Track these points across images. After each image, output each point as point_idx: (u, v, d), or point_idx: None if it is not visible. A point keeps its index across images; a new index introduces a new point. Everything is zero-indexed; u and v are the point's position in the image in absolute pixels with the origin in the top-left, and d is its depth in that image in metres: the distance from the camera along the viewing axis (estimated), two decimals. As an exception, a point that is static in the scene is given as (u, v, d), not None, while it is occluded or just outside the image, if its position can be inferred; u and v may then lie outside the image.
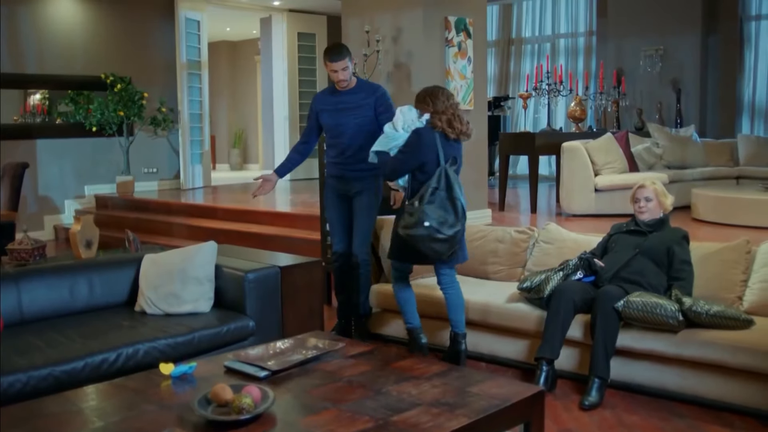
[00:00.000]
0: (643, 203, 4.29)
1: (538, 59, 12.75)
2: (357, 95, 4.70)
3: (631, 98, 11.27)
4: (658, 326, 3.75)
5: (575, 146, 7.65)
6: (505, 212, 8.07)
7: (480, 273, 5.02)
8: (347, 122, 4.68)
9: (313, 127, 4.87)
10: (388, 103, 4.72)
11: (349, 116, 4.67)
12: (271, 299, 4.13)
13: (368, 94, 4.71)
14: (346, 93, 4.71)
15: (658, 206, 4.29)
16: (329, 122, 4.76)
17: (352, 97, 4.70)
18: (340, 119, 4.70)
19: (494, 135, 10.11)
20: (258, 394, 2.50)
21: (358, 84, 4.77)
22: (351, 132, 4.68)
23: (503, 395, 2.67)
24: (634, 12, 11.36)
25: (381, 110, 4.68)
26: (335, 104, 4.73)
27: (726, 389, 3.64)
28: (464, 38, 6.32)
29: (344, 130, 4.70)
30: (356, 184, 4.73)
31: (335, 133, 4.76)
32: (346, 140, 4.69)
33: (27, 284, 3.83)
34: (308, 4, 11.39)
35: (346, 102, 4.70)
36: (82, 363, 3.29)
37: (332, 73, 4.61)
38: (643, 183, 4.39)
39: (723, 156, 9.22)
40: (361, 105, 4.68)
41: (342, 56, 4.59)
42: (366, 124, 4.67)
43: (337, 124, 4.72)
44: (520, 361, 4.31)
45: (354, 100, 4.69)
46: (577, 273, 4.18)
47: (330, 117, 4.74)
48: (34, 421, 2.50)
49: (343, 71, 4.60)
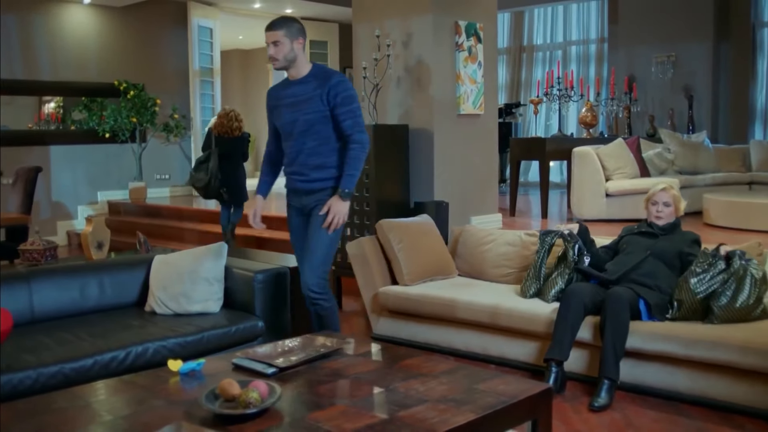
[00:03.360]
0: (661, 207, 4.32)
1: (549, 66, 12.75)
2: (308, 85, 3.81)
3: (643, 105, 11.25)
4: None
5: (586, 151, 7.63)
6: (516, 217, 8.06)
7: (490, 276, 5.02)
8: (296, 119, 3.81)
9: (272, 131, 4.06)
10: (346, 95, 3.78)
11: (298, 112, 3.80)
12: (280, 300, 4.15)
13: (320, 84, 3.78)
14: (297, 83, 3.84)
15: (674, 212, 4.33)
16: (280, 121, 3.91)
17: (302, 87, 3.81)
18: (290, 116, 3.83)
19: (505, 142, 10.09)
20: (265, 389, 2.50)
21: (312, 72, 3.85)
22: (299, 131, 3.82)
23: (510, 392, 2.66)
24: (645, 19, 11.35)
25: (336, 103, 3.77)
26: (285, 98, 3.87)
27: (736, 391, 3.62)
28: (474, 43, 6.33)
29: (293, 130, 3.84)
30: (310, 198, 3.88)
31: (286, 134, 3.91)
32: (296, 142, 3.84)
33: (38, 284, 3.87)
34: (320, 12, 11.45)
35: (295, 94, 3.83)
36: (91, 361, 3.31)
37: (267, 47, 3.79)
38: (664, 186, 4.40)
39: (735, 162, 9.17)
40: (311, 97, 3.78)
41: (276, 27, 3.75)
42: (317, 122, 3.78)
43: (286, 123, 3.86)
44: (529, 363, 4.29)
45: (304, 91, 3.80)
46: (579, 257, 4.24)
47: (281, 114, 3.89)
48: (43, 415, 2.51)
49: (274, 46, 3.73)
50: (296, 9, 11.22)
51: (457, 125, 6.29)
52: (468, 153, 6.42)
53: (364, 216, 5.79)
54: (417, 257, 4.99)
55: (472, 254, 5.18)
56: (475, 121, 6.48)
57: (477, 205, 6.57)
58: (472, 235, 5.27)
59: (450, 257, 5.23)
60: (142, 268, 4.23)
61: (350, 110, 3.79)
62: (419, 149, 6.13)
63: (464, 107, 6.31)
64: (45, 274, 3.96)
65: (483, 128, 6.59)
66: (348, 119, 3.79)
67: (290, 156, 3.89)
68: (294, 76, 3.85)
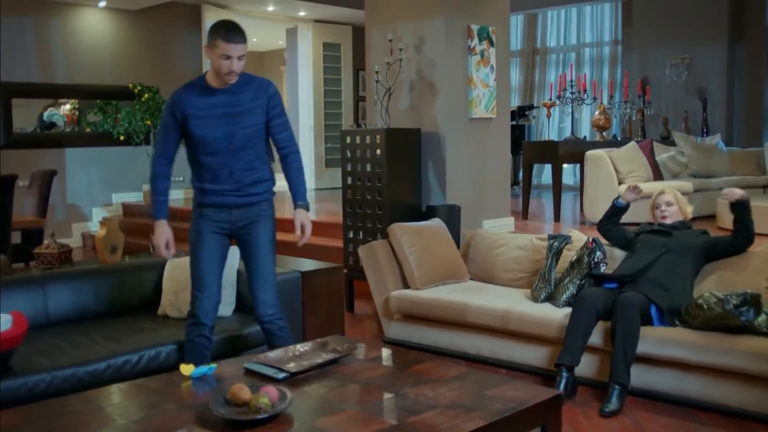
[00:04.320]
0: (664, 207, 4.44)
1: (562, 69, 12.74)
2: (243, 95, 3.46)
3: (657, 107, 11.21)
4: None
5: (599, 155, 7.62)
6: (529, 221, 8.05)
7: (502, 280, 5.03)
8: (233, 133, 3.43)
9: (174, 140, 3.51)
10: (282, 105, 3.59)
11: (235, 125, 3.43)
12: (292, 304, 4.17)
13: (258, 93, 3.49)
14: (226, 92, 3.44)
15: (679, 212, 4.41)
16: (205, 133, 3.43)
17: (236, 97, 3.45)
18: (223, 129, 3.42)
19: (518, 145, 10.08)
20: (276, 394, 2.52)
21: (241, 79, 3.47)
22: (237, 146, 3.46)
23: (520, 398, 2.67)
24: (659, 21, 11.31)
25: (275, 114, 3.53)
26: (214, 108, 3.43)
27: (747, 397, 3.61)
28: (487, 46, 6.33)
29: (229, 145, 3.45)
30: (247, 213, 3.54)
31: (214, 147, 3.45)
32: (230, 158, 3.46)
33: (53, 287, 3.91)
34: (334, 15, 11.47)
35: (229, 104, 3.44)
36: (104, 364, 3.35)
37: (223, 60, 3.33)
38: (662, 190, 4.55)
39: (749, 165, 9.11)
40: (251, 108, 3.47)
41: (244, 37, 3.40)
42: (255, 135, 3.50)
43: (217, 136, 3.42)
44: (540, 368, 4.30)
45: (240, 101, 3.45)
46: (596, 265, 4.29)
47: (205, 126, 3.42)
48: (57, 418, 2.54)
49: (239, 60, 3.36)
50: (309, 11, 11.25)
51: (469, 129, 6.30)
52: (480, 157, 6.42)
53: (376, 220, 5.80)
54: (428, 261, 5.00)
55: (483, 258, 5.19)
56: (488, 124, 6.48)
57: (489, 209, 6.57)
58: (483, 239, 5.28)
59: (462, 261, 5.24)
60: (156, 272, 4.26)
61: (285, 121, 3.60)
62: (431, 153, 6.14)
63: (476, 111, 6.31)
64: (59, 277, 4.01)
65: (495, 132, 6.59)
66: (285, 130, 3.59)
67: (220, 172, 3.48)
68: (219, 84, 3.44)
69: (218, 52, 3.34)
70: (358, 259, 5.43)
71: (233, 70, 3.36)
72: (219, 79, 3.43)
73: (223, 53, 3.33)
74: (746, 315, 3.60)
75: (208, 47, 3.42)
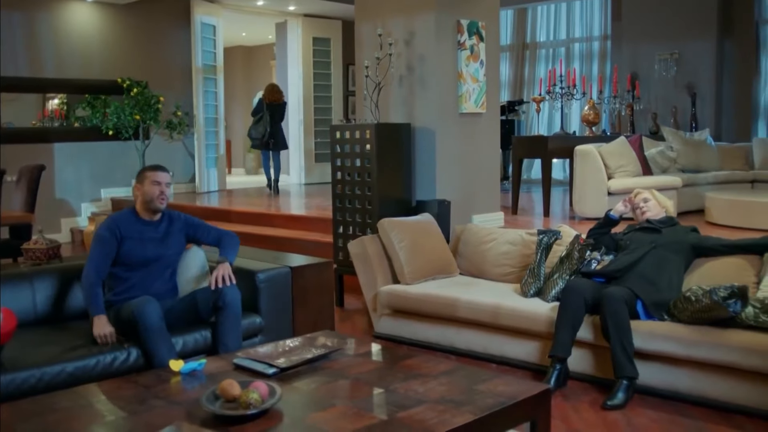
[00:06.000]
0: (642, 204, 4.56)
1: (552, 63, 12.75)
2: (162, 224, 3.93)
3: (646, 102, 11.23)
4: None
5: (588, 150, 7.63)
6: (518, 215, 8.06)
7: (491, 275, 5.04)
8: (162, 254, 3.87)
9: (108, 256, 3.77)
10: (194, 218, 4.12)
11: (164, 247, 3.90)
12: (282, 299, 4.17)
13: (171, 222, 3.97)
14: (151, 223, 3.90)
15: (658, 205, 4.48)
16: (139, 254, 3.80)
17: (162, 226, 3.93)
18: (156, 251, 3.85)
19: (508, 140, 10.09)
20: (265, 389, 2.52)
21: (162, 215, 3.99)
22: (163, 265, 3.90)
23: (509, 393, 2.68)
24: (648, 16, 11.33)
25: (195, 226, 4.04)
26: (146, 233, 3.86)
27: (737, 391, 3.63)
28: (476, 41, 6.34)
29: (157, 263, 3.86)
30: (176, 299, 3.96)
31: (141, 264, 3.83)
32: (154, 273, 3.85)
33: (41, 283, 3.88)
34: (323, 9, 11.46)
35: (159, 231, 3.91)
36: (94, 360, 3.34)
37: (154, 185, 3.82)
38: (636, 191, 4.65)
39: (738, 160, 9.16)
40: (174, 233, 3.95)
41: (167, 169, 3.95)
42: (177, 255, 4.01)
43: (149, 258, 3.83)
44: (530, 362, 4.31)
45: (166, 229, 3.94)
46: (588, 263, 4.33)
47: (140, 247, 3.81)
48: (46, 415, 2.54)
49: (167, 186, 3.88)
50: (299, 6, 11.22)
51: (458, 124, 6.30)
52: (470, 152, 6.43)
53: (366, 215, 5.80)
54: (418, 256, 5.01)
55: (473, 253, 5.19)
56: (477, 119, 6.49)
57: (479, 204, 6.59)
58: (473, 234, 5.29)
59: (451, 256, 5.25)
60: (145, 267, 4.24)
61: (206, 225, 4.11)
62: (421, 148, 6.14)
63: (466, 106, 6.32)
64: (48, 273, 3.98)
65: (485, 127, 6.60)
66: (211, 230, 4.08)
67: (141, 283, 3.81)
68: (150, 216, 3.89)
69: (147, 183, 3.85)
70: (348, 254, 5.42)
71: (163, 196, 3.86)
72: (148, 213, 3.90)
73: (152, 181, 3.83)
74: (734, 306, 3.63)
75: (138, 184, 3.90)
